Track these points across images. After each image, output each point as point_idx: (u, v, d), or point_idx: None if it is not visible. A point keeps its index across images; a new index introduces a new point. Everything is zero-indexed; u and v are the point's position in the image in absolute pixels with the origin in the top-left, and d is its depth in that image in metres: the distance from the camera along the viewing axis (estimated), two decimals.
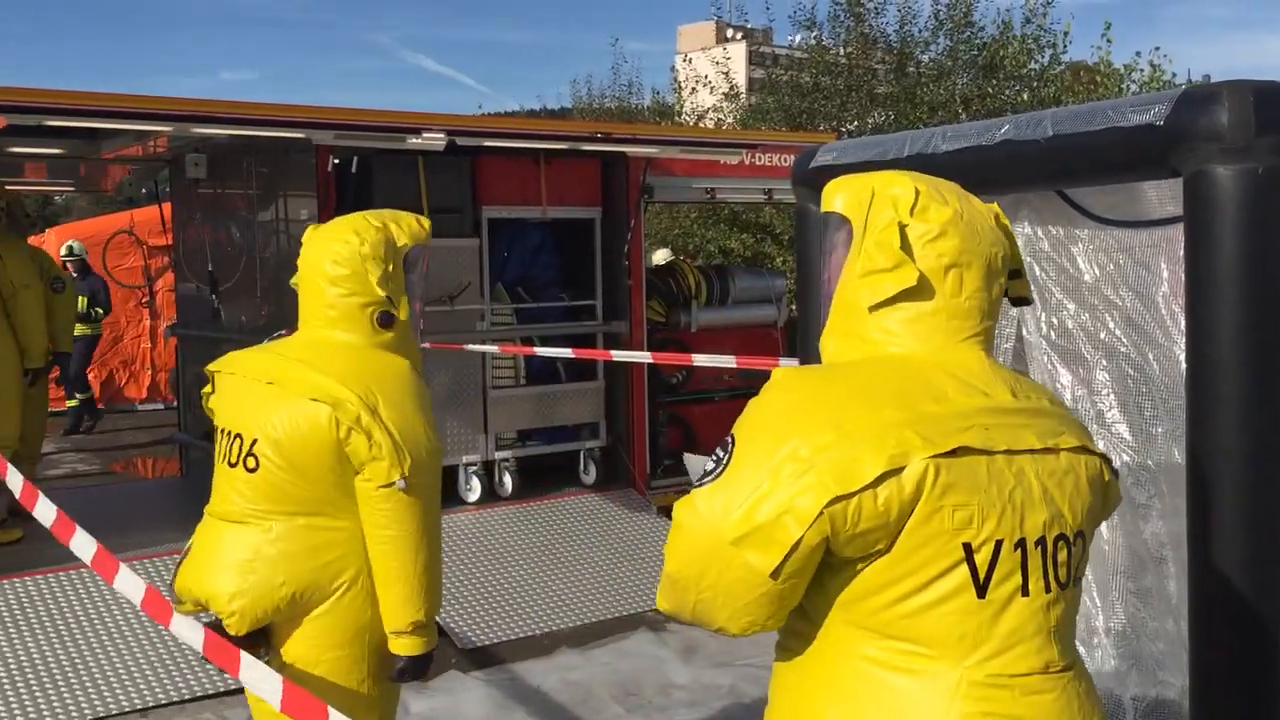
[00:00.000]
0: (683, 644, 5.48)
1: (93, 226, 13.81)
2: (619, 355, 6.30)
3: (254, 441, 2.65)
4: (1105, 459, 1.79)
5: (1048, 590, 1.66)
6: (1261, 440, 2.30)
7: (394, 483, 2.56)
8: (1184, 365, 2.49)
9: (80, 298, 11.24)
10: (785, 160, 8.25)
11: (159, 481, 9.61)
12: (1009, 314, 3.09)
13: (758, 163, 8.36)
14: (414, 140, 6.15)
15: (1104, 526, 2.84)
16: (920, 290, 1.75)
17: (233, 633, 2.60)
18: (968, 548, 1.63)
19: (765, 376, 2.02)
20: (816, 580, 1.68)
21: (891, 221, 1.76)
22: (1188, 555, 2.43)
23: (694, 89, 20.33)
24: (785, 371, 1.79)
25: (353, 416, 2.56)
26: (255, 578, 2.61)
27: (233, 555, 2.65)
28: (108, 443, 11.64)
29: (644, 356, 6.71)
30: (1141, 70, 15.85)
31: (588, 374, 7.43)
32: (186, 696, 4.99)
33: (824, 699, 1.70)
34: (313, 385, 2.62)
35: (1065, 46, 16.10)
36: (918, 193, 1.78)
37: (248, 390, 2.75)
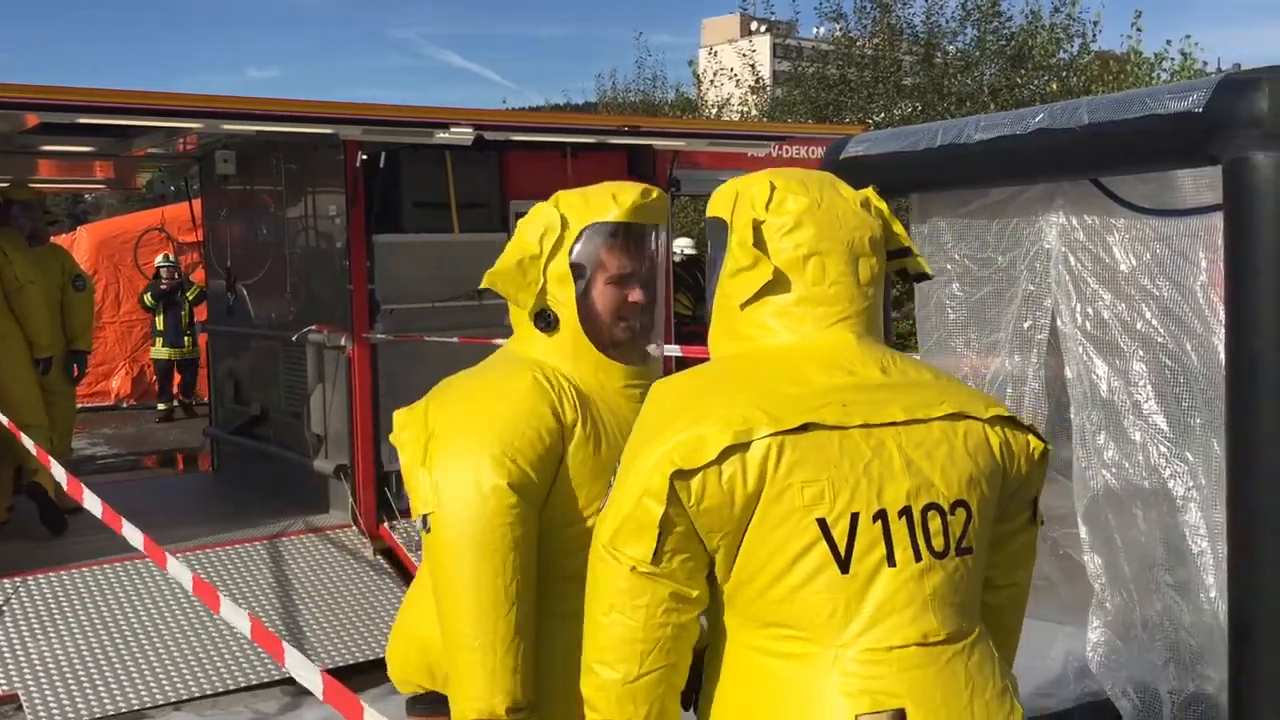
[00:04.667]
0: None
1: (123, 224, 13.94)
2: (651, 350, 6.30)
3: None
4: (1010, 420, 1.78)
5: (918, 559, 1.66)
6: None
7: (419, 518, 2.09)
8: (1222, 356, 2.45)
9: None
10: (813, 153, 8.23)
11: (192, 477, 9.70)
12: (1042, 305, 3.06)
13: (785, 155, 8.34)
14: (442, 135, 6.17)
15: (1139, 519, 2.82)
16: (782, 282, 1.79)
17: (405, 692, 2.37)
18: (823, 523, 1.64)
19: None
20: None
21: (748, 220, 1.81)
22: (1226, 548, 2.40)
23: (712, 81, 20.29)
24: (661, 380, 1.85)
25: (401, 433, 2.15)
26: (404, 635, 2.35)
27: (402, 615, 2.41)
28: (140, 438, 11.76)
29: (673, 350, 6.72)
30: (1172, 59, 15.70)
31: None
32: (220, 690, 5.03)
33: (720, 693, 1.73)
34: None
35: (1095, 36, 15.98)
36: (773, 188, 1.82)
37: None
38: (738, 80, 19.74)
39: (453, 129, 6.14)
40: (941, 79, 15.92)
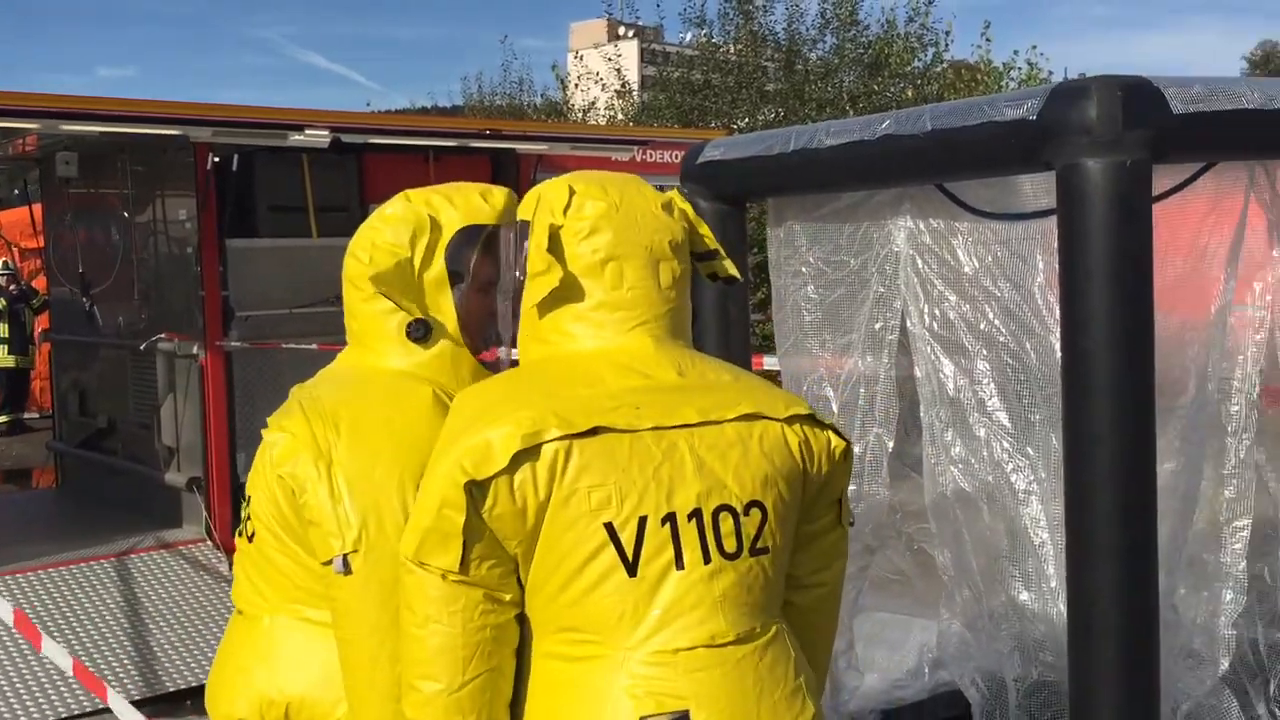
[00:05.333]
0: None
1: None
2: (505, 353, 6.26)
3: (248, 500, 2.01)
4: (810, 419, 1.79)
5: (707, 561, 1.67)
6: (1132, 426, 2.37)
7: (331, 560, 1.83)
8: (1059, 354, 2.55)
9: None
10: (676, 157, 8.29)
11: (33, 493, 9.25)
12: (893, 306, 3.14)
13: (649, 159, 8.38)
14: (296, 137, 6.03)
15: (985, 512, 2.91)
16: (579, 288, 1.79)
17: None
18: (610, 527, 1.64)
19: None
20: None
21: (544, 224, 1.80)
22: (1066, 539, 2.50)
23: (576, 85, 20.33)
24: (465, 391, 1.83)
25: (288, 461, 1.89)
26: (249, 693, 1.98)
27: (234, 659, 2.04)
28: None
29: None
30: (1020, 68, 16.36)
31: None
32: (53, 718, 4.80)
33: (523, 699, 1.72)
34: (281, 416, 2.00)
35: (947, 45, 16.54)
36: (572, 192, 1.82)
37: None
38: (604, 85, 19.82)
39: (308, 131, 6.01)
40: (803, 85, 16.27)
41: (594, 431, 1.65)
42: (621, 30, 57.34)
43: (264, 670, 1.96)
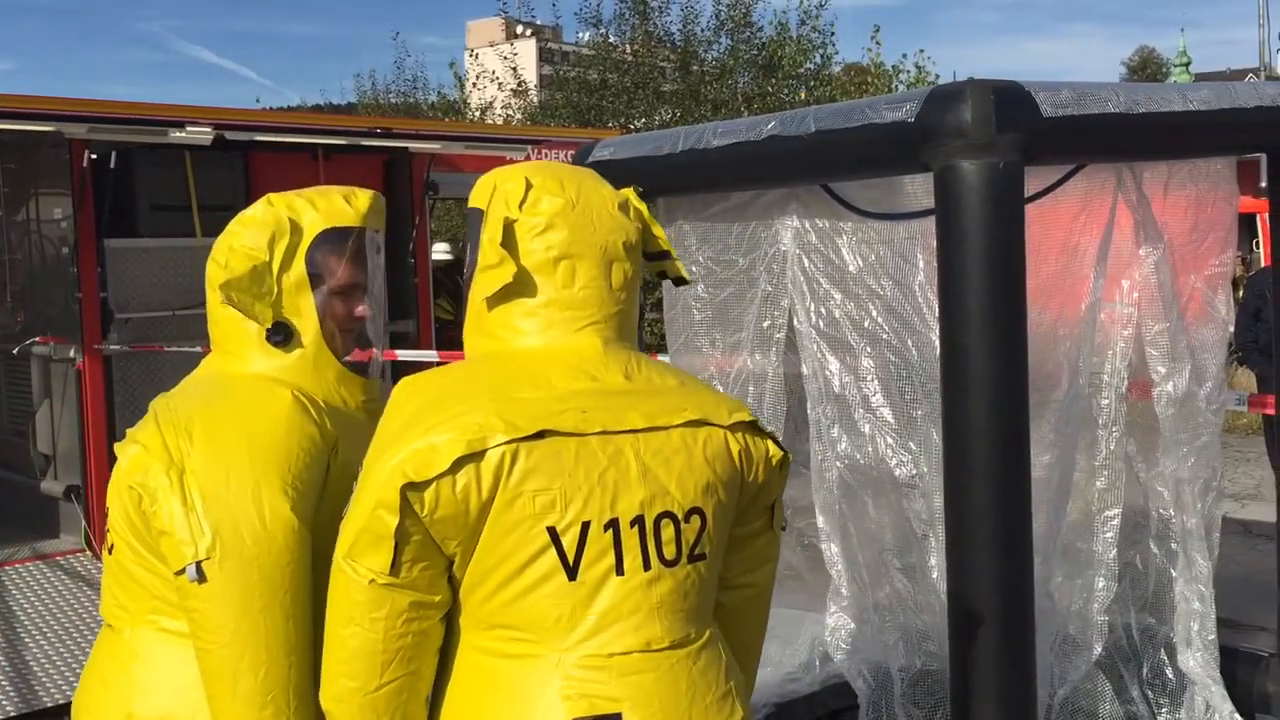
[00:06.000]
0: None
1: None
2: (404, 354, 6.19)
3: (106, 512, 1.99)
4: (751, 426, 1.80)
5: (647, 568, 1.68)
6: (1008, 420, 2.44)
7: (184, 569, 1.82)
8: (939, 350, 2.61)
9: None
10: (570, 157, 8.28)
11: None
12: (780, 305, 3.18)
13: (544, 159, 8.36)
14: (177, 134, 5.86)
15: (870, 506, 2.97)
16: (530, 284, 1.77)
17: None
18: (553, 531, 1.65)
19: None
20: None
21: (500, 217, 1.78)
22: (945, 531, 2.56)
23: (474, 84, 20.18)
24: (405, 382, 1.79)
25: (140, 470, 1.87)
26: (104, 706, 1.94)
27: (95, 671, 2.00)
28: None
29: (430, 355, 6.61)
30: (908, 71, 16.71)
31: None
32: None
33: (448, 693, 1.72)
34: (136, 428, 1.97)
35: (835, 47, 16.81)
36: (529, 185, 1.79)
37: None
38: (500, 84, 19.69)
39: (189, 128, 5.85)
40: (698, 86, 16.37)
41: (540, 435, 1.64)
42: (519, 29, 57.07)
43: (124, 684, 1.92)
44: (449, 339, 7.66)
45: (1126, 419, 2.95)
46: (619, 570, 1.66)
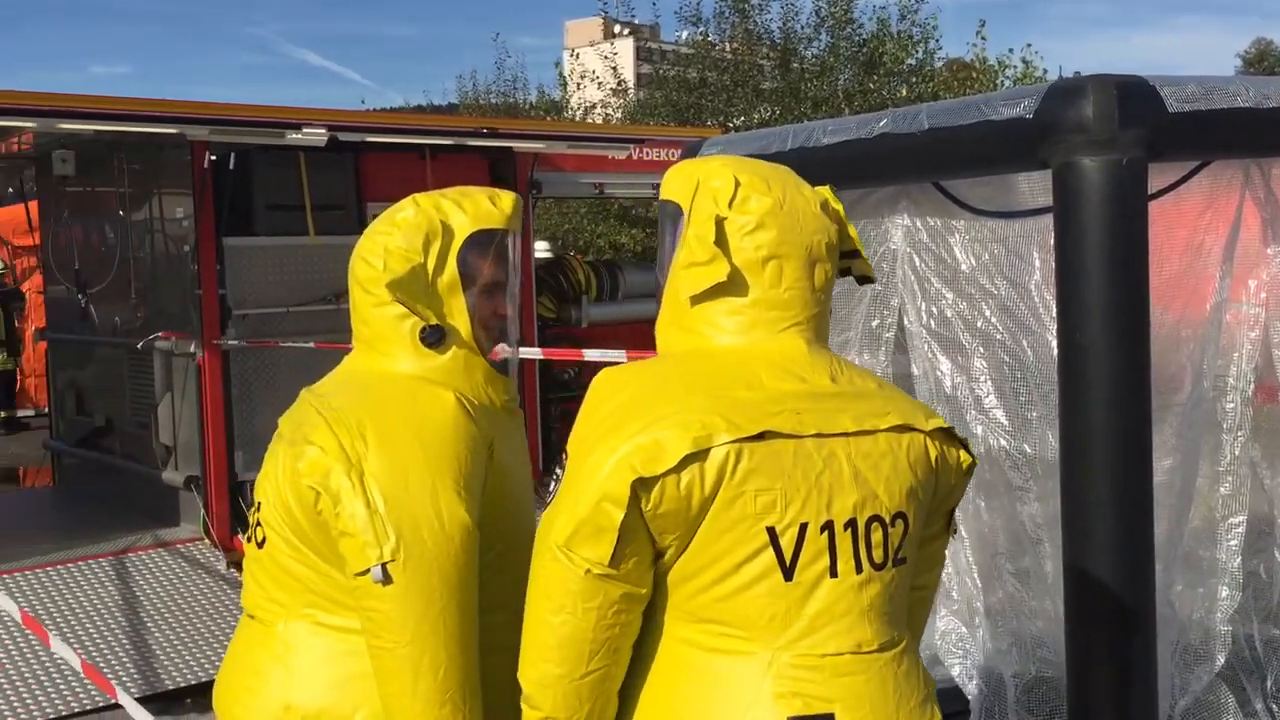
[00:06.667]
0: None
1: None
2: (505, 351, 6.26)
3: (259, 506, 2.00)
4: (947, 433, 1.79)
5: (859, 571, 1.68)
6: (1128, 421, 2.38)
7: (368, 570, 1.83)
8: (1056, 351, 2.56)
9: None
10: (672, 155, 8.29)
11: (30, 492, 9.24)
12: (889, 304, 3.15)
13: (646, 158, 8.39)
14: (294, 136, 6.01)
15: (982, 509, 2.92)
16: (738, 283, 1.76)
17: None
18: (772, 531, 1.65)
19: None
20: None
21: (710, 215, 1.77)
22: (1062, 536, 2.51)
23: (579, 84, 20.32)
24: (606, 374, 1.78)
25: (321, 472, 1.87)
26: (260, 699, 1.95)
27: (244, 664, 2.01)
28: None
29: (535, 353, 6.69)
30: (1014, 67, 16.37)
31: None
32: (64, 714, 4.81)
33: (640, 679, 1.72)
34: (297, 428, 1.97)
35: (938, 41, 16.55)
36: (737, 184, 1.78)
37: (275, 441, 2.07)
38: (599, 83, 19.81)
39: (305, 130, 6.00)
40: (798, 83, 16.27)
41: (762, 436, 1.64)
42: (617, 29, 57.32)
43: (281, 676, 1.93)
44: (552, 336, 7.73)
45: (1252, 423, 2.86)
46: (833, 572, 1.67)
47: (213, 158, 6.24)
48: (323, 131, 6.05)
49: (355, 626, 1.89)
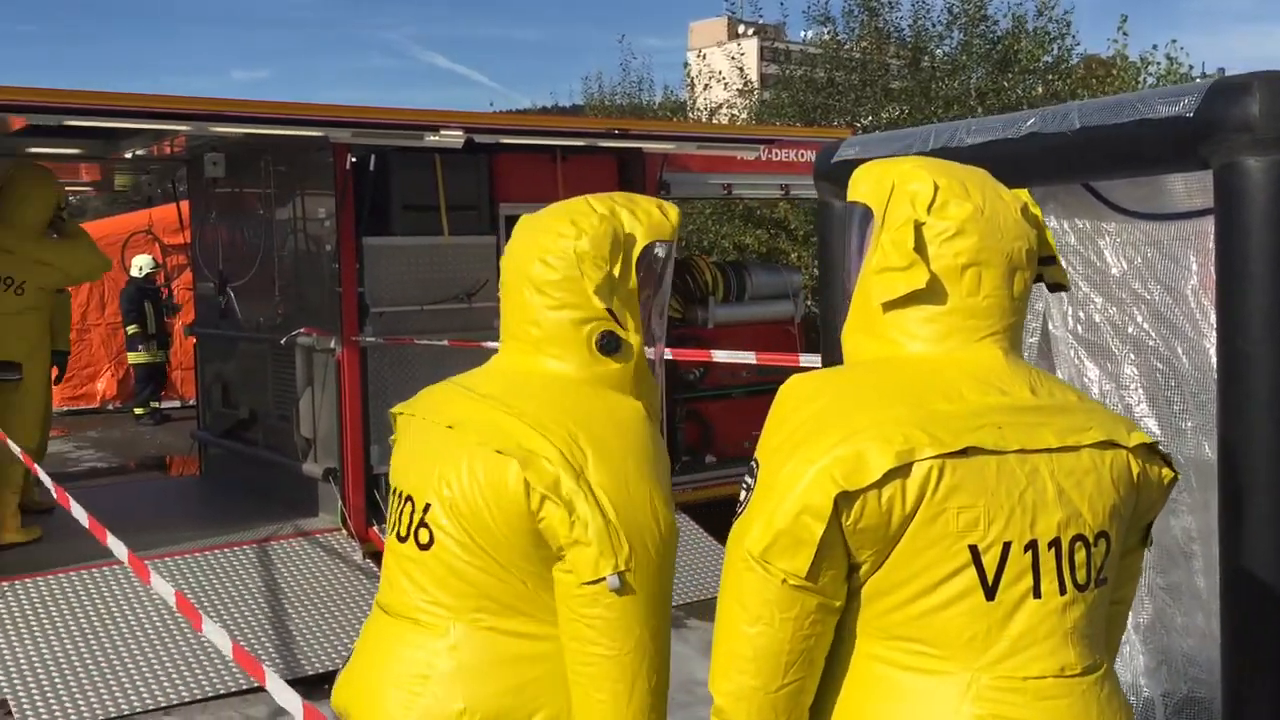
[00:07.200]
0: (703, 641, 5.47)
1: (109, 226, 13.87)
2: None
3: (426, 507, 1.96)
4: (1150, 448, 1.73)
5: (1063, 592, 1.62)
6: None
7: (604, 578, 1.82)
8: (1213, 359, 2.46)
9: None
10: (802, 156, 8.23)
11: (178, 481, 9.65)
12: (1034, 308, 3.07)
13: (774, 158, 8.34)
14: (432, 138, 6.16)
15: None
16: (935, 290, 1.71)
17: None
18: (974, 550, 1.60)
19: (784, 373, 1.97)
20: None
21: (908, 219, 1.72)
22: (1218, 550, 2.41)
23: (708, 85, 20.32)
24: (797, 381, 1.74)
25: (549, 480, 1.84)
26: (426, 700, 1.92)
27: (401, 666, 1.97)
28: (125, 441, 11.71)
29: (665, 354, 6.70)
30: (1158, 63, 15.78)
31: None
32: (210, 694, 5.01)
33: (830, 695, 1.69)
34: (499, 431, 1.91)
35: (1075, 37, 16.06)
36: (937, 188, 1.73)
37: (426, 437, 2.03)
38: (725, 83, 19.77)
39: (443, 132, 6.14)
40: (929, 82, 15.96)
41: (965, 451, 1.60)
42: (741, 29, 57.13)
43: (452, 680, 1.92)
44: (677, 336, 7.75)
45: None
46: (1036, 593, 1.62)
47: (353, 159, 6.44)
48: (460, 133, 6.18)
49: (530, 631, 1.91)
